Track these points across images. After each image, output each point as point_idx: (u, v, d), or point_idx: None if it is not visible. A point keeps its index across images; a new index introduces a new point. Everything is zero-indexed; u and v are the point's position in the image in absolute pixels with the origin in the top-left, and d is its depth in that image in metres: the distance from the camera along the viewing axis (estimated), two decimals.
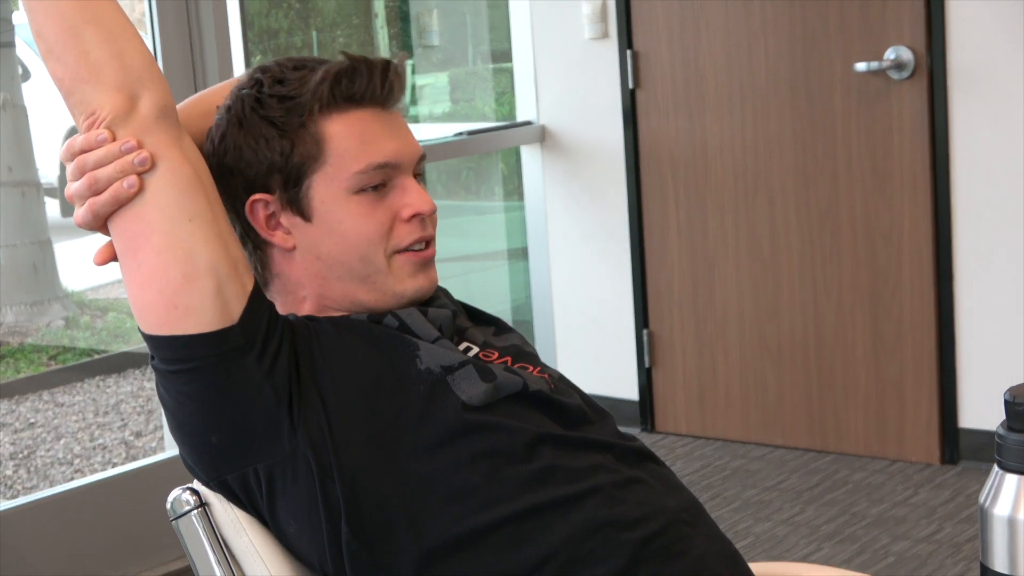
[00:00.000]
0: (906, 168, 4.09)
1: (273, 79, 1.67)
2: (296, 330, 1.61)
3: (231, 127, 1.67)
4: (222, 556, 1.61)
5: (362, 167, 1.65)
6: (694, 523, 1.61)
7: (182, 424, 1.59)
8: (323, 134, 1.65)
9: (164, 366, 1.57)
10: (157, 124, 1.56)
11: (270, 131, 1.65)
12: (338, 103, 1.65)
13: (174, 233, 1.54)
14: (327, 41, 6.00)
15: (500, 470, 1.55)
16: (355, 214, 1.65)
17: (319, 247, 1.67)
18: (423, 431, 1.56)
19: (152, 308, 1.55)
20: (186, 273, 1.53)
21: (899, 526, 3.75)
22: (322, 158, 1.65)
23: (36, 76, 7.38)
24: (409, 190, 1.68)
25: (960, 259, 4.06)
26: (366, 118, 1.67)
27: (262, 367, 1.55)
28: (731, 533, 3.78)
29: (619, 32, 4.54)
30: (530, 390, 1.62)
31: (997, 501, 1.25)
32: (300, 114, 1.65)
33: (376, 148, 1.66)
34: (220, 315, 1.54)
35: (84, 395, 5.86)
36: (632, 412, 4.71)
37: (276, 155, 1.65)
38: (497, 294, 5.38)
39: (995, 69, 3.94)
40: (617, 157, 4.62)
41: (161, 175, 1.55)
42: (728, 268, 4.46)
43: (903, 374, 4.19)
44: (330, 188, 1.65)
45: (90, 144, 1.55)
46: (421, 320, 1.66)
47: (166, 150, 1.56)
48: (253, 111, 1.66)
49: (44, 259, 6.15)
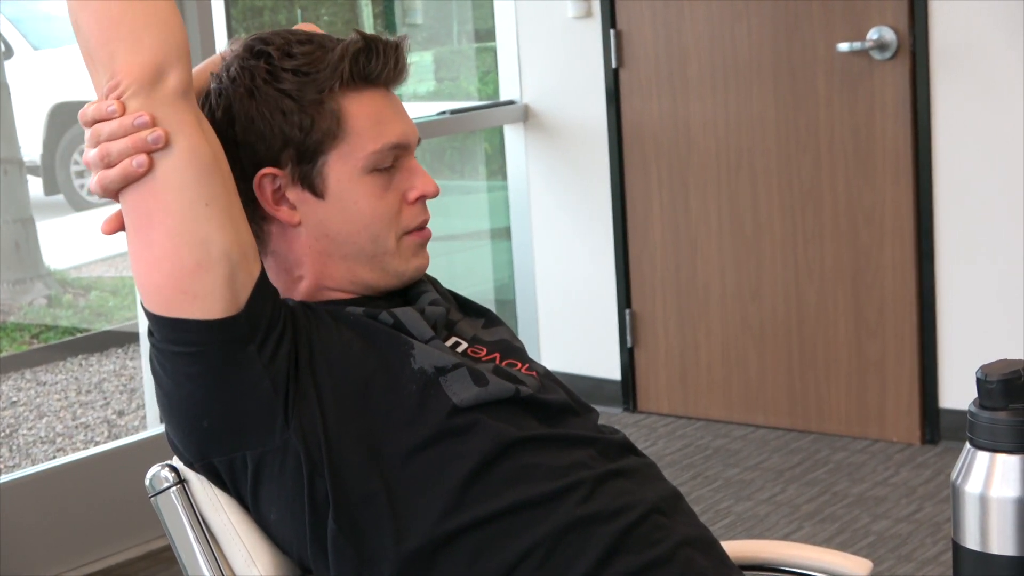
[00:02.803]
0: (888, 148, 4.10)
1: (281, 52, 1.64)
2: (297, 318, 1.60)
3: (240, 98, 1.63)
4: (201, 534, 1.61)
5: (378, 147, 1.64)
6: (671, 513, 1.62)
7: (175, 404, 1.58)
8: (342, 111, 1.63)
9: (164, 346, 1.55)
10: (181, 102, 1.52)
11: (288, 104, 1.62)
12: (356, 82, 1.64)
13: (190, 217, 1.51)
14: (311, 19, 5.98)
15: (483, 470, 1.55)
16: (369, 194, 1.65)
17: (329, 224, 1.65)
18: (413, 430, 1.56)
19: (160, 290, 1.53)
20: (199, 260, 1.51)
21: (880, 505, 3.77)
22: (340, 135, 1.63)
23: (19, 54, 7.35)
24: (416, 172, 1.68)
25: (941, 239, 4.07)
26: (378, 98, 1.66)
27: (263, 357, 1.54)
28: (712, 512, 3.79)
29: (603, 11, 4.54)
30: (520, 395, 1.62)
31: (969, 478, 1.26)
32: (319, 90, 1.62)
33: (390, 129, 1.66)
34: (228, 303, 1.52)
35: (67, 374, 5.86)
36: (614, 392, 4.72)
37: (295, 129, 1.62)
38: (480, 274, 5.38)
39: (977, 49, 3.94)
40: (600, 136, 4.62)
41: (181, 154, 1.51)
42: (710, 248, 4.46)
43: (884, 354, 4.20)
44: (346, 166, 1.64)
45: (100, 115, 1.51)
46: (417, 319, 1.65)
47: (188, 128, 1.52)
48: (267, 83, 1.63)
49: (27, 237, 6.14)
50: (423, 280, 1.76)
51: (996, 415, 1.25)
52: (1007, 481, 1.24)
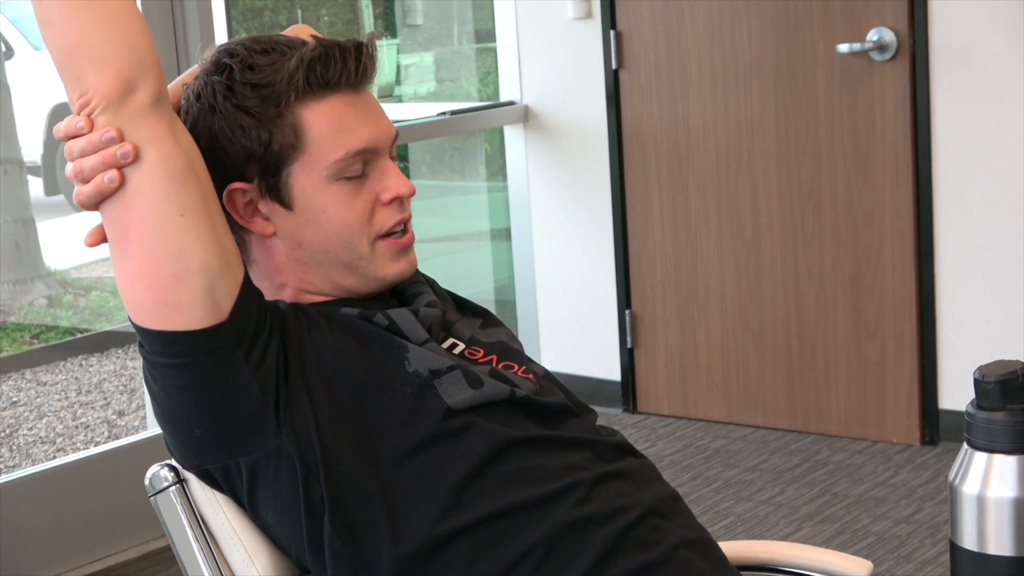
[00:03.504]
0: (888, 149, 4.10)
1: (243, 64, 1.63)
2: (286, 321, 1.60)
3: (203, 115, 1.64)
4: (200, 533, 1.62)
5: (341, 155, 1.63)
6: (669, 514, 1.62)
7: (168, 414, 1.59)
8: (300, 123, 1.62)
9: (153, 358, 1.56)
10: (151, 112, 1.52)
11: (246, 120, 1.62)
12: (313, 90, 1.63)
13: (164, 229, 1.51)
14: (311, 20, 5.99)
15: (479, 472, 1.55)
16: (336, 202, 1.64)
17: (301, 235, 1.65)
18: (407, 433, 1.56)
19: (142, 303, 1.53)
20: (176, 272, 1.51)
21: (879, 506, 3.77)
22: (300, 147, 1.62)
23: (19, 54, 7.35)
24: (388, 173, 1.67)
25: (941, 240, 4.07)
26: (340, 104, 1.64)
27: (250, 363, 1.54)
28: (712, 513, 3.79)
29: (603, 12, 4.54)
30: (516, 397, 1.62)
31: (966, 479, 1.26)
32: (276, 103, 1.62)
33: (353, 135, 1.64)
34: (211, 312, 1.52)
35: (67, 374, 5.86)
36: (614, 392, 4.72)
37: (254, 144, 1.62)
38: (480, 274, 5.38)
39: (977, 50, 3.94)
40: (600, 137, 4.62)
41: (153, 166, 1.51)
42: (710, 249, 4.47)
43: (884, 355, 4.20)
44: (310, 177, 1.63)
45: (70, 131, 1.52)
46: (411, 321, 1.65)
47: (160, 139, 1.52)
48: (226, 99, 1.63)
49: (27, 237, 6.14)
50: (420, 281, 1.76)
51: (993, 416, 1.25)
52: (1004, 482, 1.24)
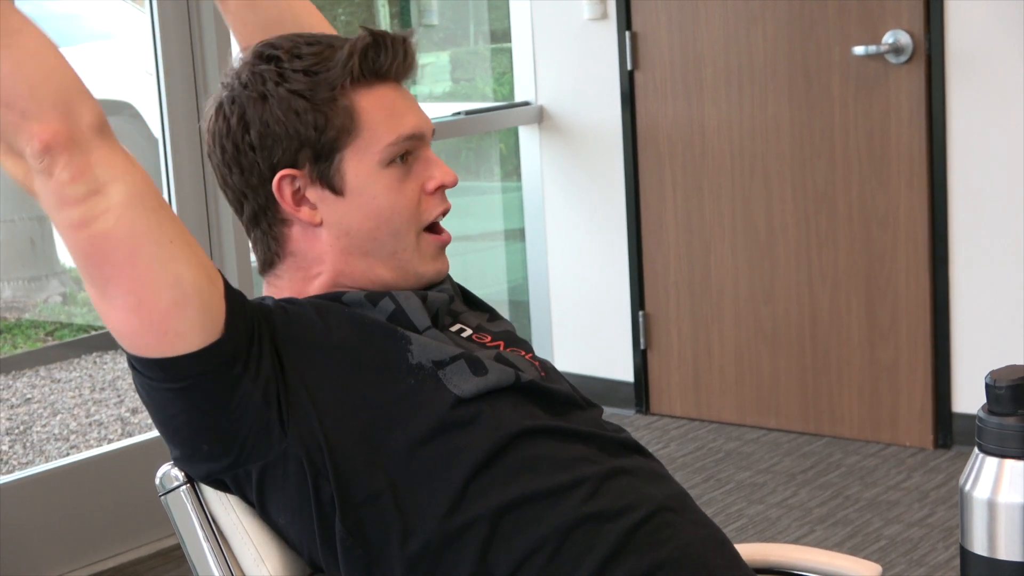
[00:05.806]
0: (903, 152, 4.09)
1: (290, 54, 1.65)
2: (274, 321, 1.59)
3: (253, 103, 1.64)
4: (210, 532, 1.62)
5: (393, 139, 1.65)
6: (680, 511, 1.61)
7: (171, 433, 1.58)
8: (355, 108, 1.65)
9: (154, 384, 1.54)
10: (102, 139, 1.48)
11: (301, 104, 1.63)
12: (366, 77, 1.65)
13: (159, 260, 1.48)
14: (328, 20, 5.99)
15: (488, 462, 1.55)
16: (387, 188, 1.66)
17: (350, 221, 1.66)
18: (413, 426, 1.56)
19: (139, 335, 1.51)
20: (175, 299, 1.49)
21: (891, 510, 3.76)
22: (355, 131, 1.64)
23: None
24: (432, 162, 1.70)
25: (955, 244, 4.06)
26: (389, 92, 1.68)
27: (249, 372, 1.54)
28: (724, 515, 3.79)
29: (618, 13, 4.53)
30: (522, 381, 1.62)
31: (977, 484, 1.26)
32: (330, 88, 1.64)
33: (404, 120, 1.67)
34: (208, 331, 1.52)
35: (81, 371, 5.87)
36: (627, 394, 4.72)
37: (309, 129, 1.63)
38: (494, 275, 5.38)
39: (993, 54, 3.93)
40: (615, 138, 4.62)
41: (130, 200, 1.47)
42: (724, 251, 4.46)
43: (897, 358, 4.20)
44: (363, 161, 1.65)
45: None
46: (417, 305, 1.65)
47: (122, 169, 1.48)
48: (278, 85, 1.63)
49: (42, 234, 6.15)
50: None
51: (1005, 421, 1.25)
52: (1015, 487, 1.24)
